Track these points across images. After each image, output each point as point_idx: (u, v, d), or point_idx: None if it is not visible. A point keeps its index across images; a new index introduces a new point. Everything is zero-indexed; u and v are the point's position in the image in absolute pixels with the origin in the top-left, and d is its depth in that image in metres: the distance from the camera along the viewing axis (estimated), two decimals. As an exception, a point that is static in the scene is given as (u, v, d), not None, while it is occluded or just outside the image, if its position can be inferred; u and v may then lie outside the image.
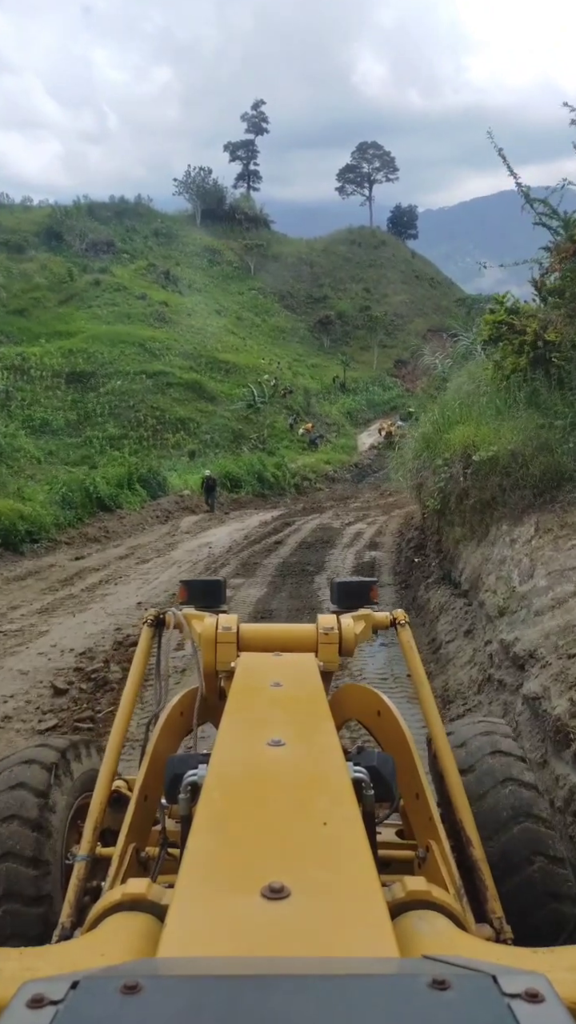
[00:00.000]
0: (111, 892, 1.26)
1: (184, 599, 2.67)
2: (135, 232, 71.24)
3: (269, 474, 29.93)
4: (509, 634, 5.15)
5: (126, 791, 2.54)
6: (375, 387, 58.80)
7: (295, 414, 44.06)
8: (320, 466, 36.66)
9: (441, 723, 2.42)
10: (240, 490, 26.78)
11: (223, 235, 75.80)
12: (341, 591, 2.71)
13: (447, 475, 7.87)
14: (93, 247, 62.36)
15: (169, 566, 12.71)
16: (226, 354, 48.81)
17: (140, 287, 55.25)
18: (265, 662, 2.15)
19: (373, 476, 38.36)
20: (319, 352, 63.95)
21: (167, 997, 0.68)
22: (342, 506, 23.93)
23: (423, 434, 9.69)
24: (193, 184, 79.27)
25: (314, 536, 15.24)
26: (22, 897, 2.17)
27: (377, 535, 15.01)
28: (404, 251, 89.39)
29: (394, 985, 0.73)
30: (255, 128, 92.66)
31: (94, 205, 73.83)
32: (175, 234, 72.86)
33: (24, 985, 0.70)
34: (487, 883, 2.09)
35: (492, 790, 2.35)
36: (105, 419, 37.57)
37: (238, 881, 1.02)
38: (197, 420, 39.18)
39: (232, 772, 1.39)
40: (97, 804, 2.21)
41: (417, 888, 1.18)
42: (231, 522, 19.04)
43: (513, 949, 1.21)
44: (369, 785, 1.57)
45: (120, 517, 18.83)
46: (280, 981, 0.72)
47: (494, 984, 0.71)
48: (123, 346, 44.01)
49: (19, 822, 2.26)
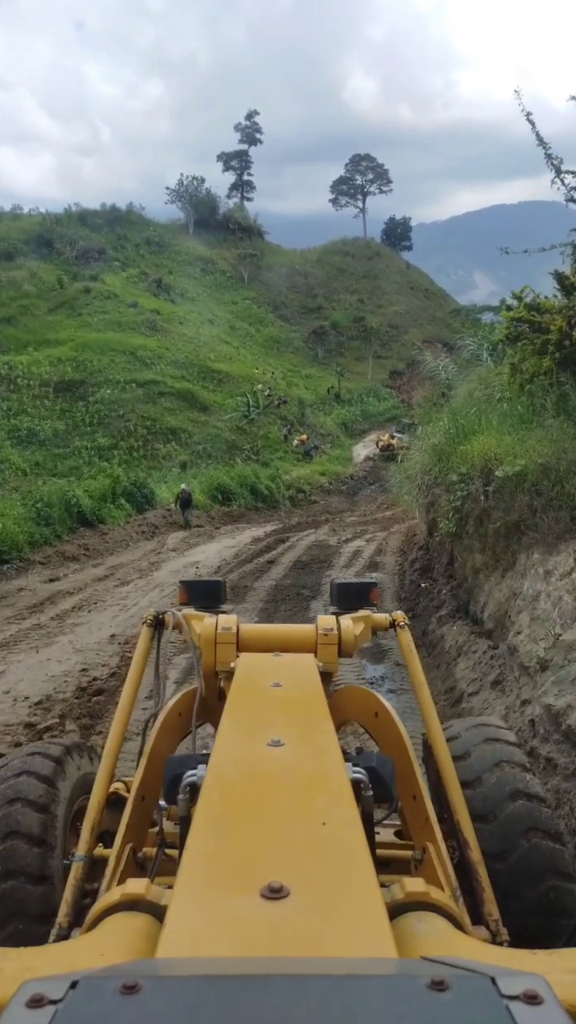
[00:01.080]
0: (110, 892, 1.25)
1: (184, 600, 2.69)
2: (127, 240, 70.58)
3: (263, 486, 28.82)
4: (558, 698, 4.08)
5: (124, 792, 2.49)
6: (370, 398, 58.13)
7: (289, 425, 43.27)
8: (315, 478, 35.71)
9: (439, 725, 2.41)
10: (232, 503, 25.55)
11: (216, 244, 75.28)
12: (341, 592, 2.70)
13: (464, 493, 6.81)
14: (84, 255, 61.59)
15: (151, 589, 11.58)
16: (219, 363, 48.08)
17: (131, 295, 54.52)
18: (265, 663, 2.14)
19: (369, 488, 37.58)
20: (313, 363, 63.30)
21: (166, 997, 0.69)
22: (338, 520, 22.85)
23: (433, 446, 8.58)
24: (186, 193, 78.78)
25: (309, 555, 14.14)
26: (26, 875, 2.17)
27: (377, 554, 13.92)
28: (398, 262, 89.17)
29: (393, 986, 0.73)
30: (249, 138, 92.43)
31: (85, 213, 73.13)
32: (167, 243, 72.29)
33: (23, 985, 0.71)
34: (483, 885, 2.06)
35: (484, 775, 2.38)
36: (94, 429, 36.96)
37: (237, 881, 1.02)
38: (189, 430, 38.43)
39: (231, 772, 1.39)
40: (95, 805, 2.20)
41: (416, 889, 1.19)
42: (222, 538, 17.87)
43: (511, 951, 1.19)
44: (368, 786, 1.57)
45: (102, 533, 17.61)
46: (279, 981, 0.72)
47: (493, 985, 0.71)
48: (113, 354, 43.38)
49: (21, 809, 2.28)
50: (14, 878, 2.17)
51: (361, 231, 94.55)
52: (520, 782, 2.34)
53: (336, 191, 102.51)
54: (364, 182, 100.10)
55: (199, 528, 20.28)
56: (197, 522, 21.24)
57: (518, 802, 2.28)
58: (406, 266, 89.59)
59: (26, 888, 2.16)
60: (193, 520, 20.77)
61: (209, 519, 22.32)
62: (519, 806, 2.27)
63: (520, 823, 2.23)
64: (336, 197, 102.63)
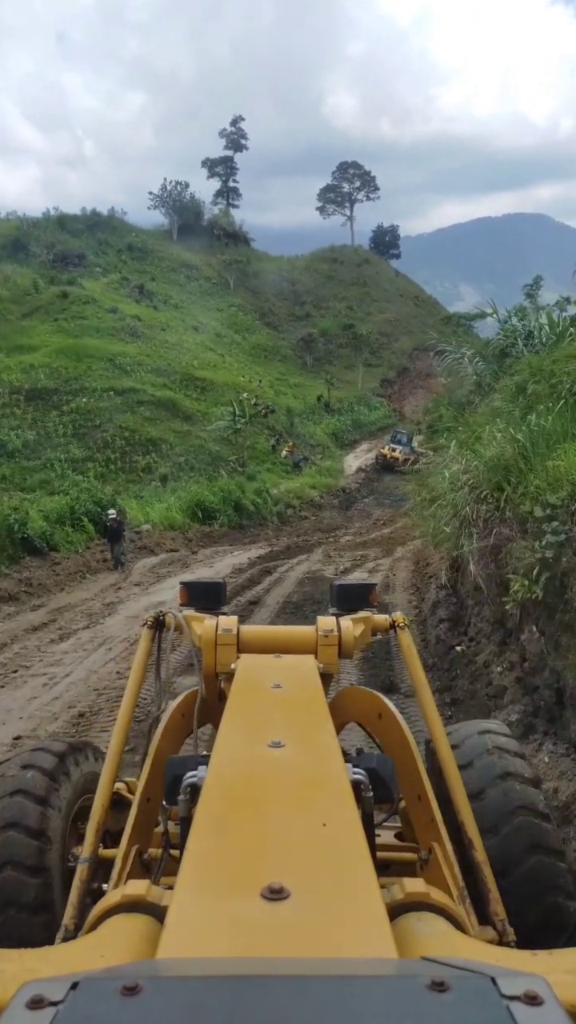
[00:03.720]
0: (110, 894, 1.26)
1: (185, 601, 2.66)
2: (108, 246, 68.45)
3: (248, 501, 26.18)
4: None
5: (126, 793, 2.55)
6: (361, 407, 56.07)
7: (277, 435, 40.97)
8: (305, 491, 33.25)
9: (442, 726, 2.41)
10: (214, 521, 22.70)
11: (201, 251, 73.23)
12: (341, 594, 2.71)
13: (560, 537, 4.24)
14: (62, 259, 59.28)
15: (96, 648, 8.87)
16: (203, 371, 45.82)
17: (112, 300, 52.23)
18: (265, 664, 2.15)
19: (362, 502, 35.38)
20: (302, 371, 61.16)
21: (166, 998, 0.69)
22: (332, 541, 20.21)
23: (489, 462, 5.95)
24: (169, 198, 76.65)
25: (301, 592, 11.49)
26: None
27: (385, 590, 11.25)
28: (387, 270, 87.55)
29: (393, 986, 0.73)
30: (234, 144, 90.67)
31: (65, 218, 70.90)
32: (151, 249, 70.20)
33: (24, 986, 0.71)
34: (489, 885, 2.07)
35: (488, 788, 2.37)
36: (68, 440, 34.80)
37: (238, 882, 1.02)
38: (170, 441, 36.13)
39: (232, 773, 1.39)
40: (99, 806, 2.19)
41: (416, 890, 1.19)
42: (198, 566, 15.06)
43: (512, 951, 1.22)
44: (368, 787, 1.58)
45: (54, 563, 14.78)
46: (279, 982, 0.72)
47: (493, 986, 0.70)
48: (90, 361, 41.25)
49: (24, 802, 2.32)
50: (11, 868, 2.18)
51: (349, 240, 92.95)
52: (523, 796, 2.31)
53: (323, 199, 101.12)
54: (351, 190, 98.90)
55: (173, 553, 17.32)
56: (172, 545, 18.30)
57: (520, 817, 2.25)
58: (395, 274, 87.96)
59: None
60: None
61: (186, 541, 19.39)
62: (522, 821, 2.25)
63: (523, 838, 2.21)
64: (323, 205, 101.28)
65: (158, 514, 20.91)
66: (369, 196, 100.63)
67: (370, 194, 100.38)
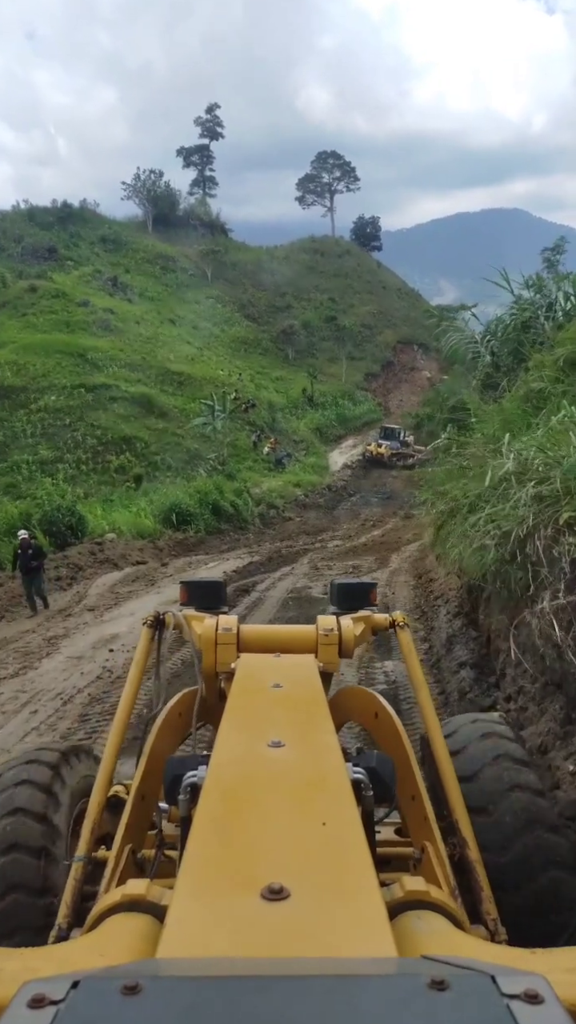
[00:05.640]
0: (111, 893, 1.25)
1: (184, 600, 2.68)
2: (80, 238, 66.01)
3: (227, 503, 24.20)
4: None
5: (124, 795, 2.45)
6: (345, 401, 54.34)
7: (259, 431, 39.07)
8: (289, 490, 31.40)
9: (439, 726, 2.42)
10: (189, 527, 20.59)
11: (177, 241, 71.01)
12: (341, 593, 2.73)
13: None
14: (32, 253, 56.90)
15: (17, 710, 6.77)
16: (180, 365, 43.87)
17: (83, 294, 50.03)
18: (265, 663, 2.15)
19: (349, 501, 33.68)
20: (284, 364, 59.24)
21: (167, 997, 0.69)
22: (319, 547, 18.28)
23: (541, 466, 3.86)
24: (143, 188, 74.14)
25: (285, 619, 9.54)
26: None
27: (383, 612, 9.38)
28: (369, 261, 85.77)
29: (393, 985, 0.73)
30: (210, 133, 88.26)
31: (35, 210, 68.26)
32: (124, 240, 67.85)
33: (25, 985, 0.71)
34: (482, 884, 2.07)
35: (484, 768, 2.43)
36: (36, 440, 33.02)
37: (238, 882, 1.02)
38: (145, 439, 34.34)
39: (232, 773, 1.38)
40: (95, 806, 2.21)
41: (416, 888, 1.19)
42: (165, 584, 12.93)
43: (511, 950, 1.18)
44: (368, 786, 1.57)
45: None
46: (280, 982, 0.73)
47: (493, 985, 0.71)
48: (60, 356, 39.35)
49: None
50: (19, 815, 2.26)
51: (329, 231, 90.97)
52: (518, 776, 2.36)
53: (303, 189, 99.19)
54: (331, 180, 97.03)
55: (140, 567, 15.04)
56: (139, 557, 16.09)
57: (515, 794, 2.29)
58: (377, 265, 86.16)
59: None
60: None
61: (156, 552, 17.14)
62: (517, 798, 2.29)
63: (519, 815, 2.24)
64: (303, 196, 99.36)
65: (126, 520, 18.79)
66: (349, 187, 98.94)
67: (350, 184, 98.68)
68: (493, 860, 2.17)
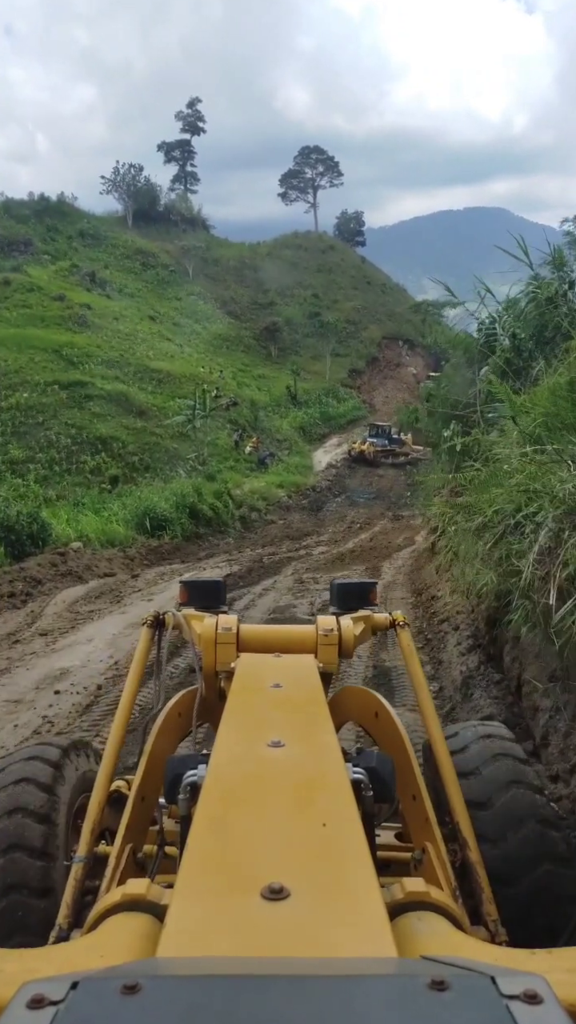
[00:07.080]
0: (111, 893, 1.25)
1: (184, 600, 2.67)
2: (57, 232, 64.31)
3: (206, 506, 22.95)
4: None
5: (126, 791, 2.45)
6: (329, 399, 53.20)
7: (240, 430, 37.80)
8: (272, 491, 30.19)
9: (440, 726, 2.43)
10: (164, 534, 19.31)
11: (157, 237, 69.47)
12: (341, 592, 2.71)
13: None
14: (7, 246, 55.26)
15: None
16: (159, 362, 42.46)
17: (59, 288, 48.37)
18: (265, 663, 2.14)
19: (334, 502, 32.58)
20: (266, 362, 58.01)
21: (167, 997, 0.69)
22: (304, 555, 17.10)
23: None
24: (123, 182, 72.48)
25: (263, 643, 8.42)
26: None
27: (381, 647, 8.15)
28: (353, 256, 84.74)
29: (393, 986, 0.74)
30: (191, 128, 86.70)
31: (10, 203, 66.37)
32: (103, 235, 66.20)
33: (24, 985, 0.71)
34: (483, 885, 2.07)
35: (484, 765, 2.43)
36: (7, 439, 31.48)
37: (238, 882, 1.02)
38: (122, 439, 32.94)
39: (232, 773, 1.39)
40: (95, 804, 2.20)
41: (416, 889, 1.19)
42: (133, 602, 11.60)
43: (511, 950, 1.19)
44: (368, 786, 1.57)
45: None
46: (279, 982, 0.73)
47: (493, 985, 0.71)
48: (32, 352, 37.79)
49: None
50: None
51: (312, 228, 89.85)
52: (516, 772, 2.38)
53: (286, 185, 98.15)
54: (314, 175, 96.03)
55: (107, 580, 13.66)
56: (108, 568, 14.77)
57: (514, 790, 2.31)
58: (361, 260, 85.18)
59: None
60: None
61: (126, 562, 15.72)
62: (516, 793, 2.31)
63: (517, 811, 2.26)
64: (286, 192, 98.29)
65: (95, 527, 17.47)
66: (333, 182, 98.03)
67: (333, 180, 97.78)
68: (489, 852, 2.18)
